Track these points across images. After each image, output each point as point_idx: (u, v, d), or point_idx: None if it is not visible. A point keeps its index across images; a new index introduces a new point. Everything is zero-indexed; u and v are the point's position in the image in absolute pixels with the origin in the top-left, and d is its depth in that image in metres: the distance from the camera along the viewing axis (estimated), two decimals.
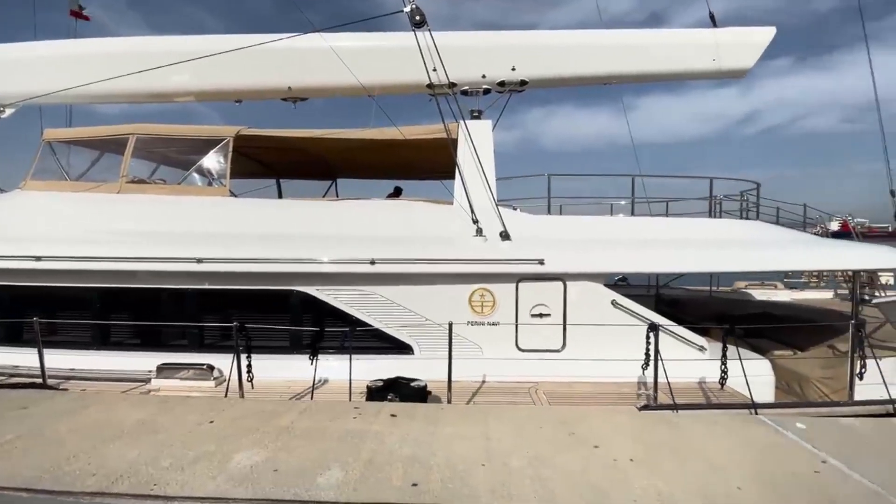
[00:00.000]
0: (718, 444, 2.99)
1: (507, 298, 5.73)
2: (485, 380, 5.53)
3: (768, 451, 2.90)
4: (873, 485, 2.50)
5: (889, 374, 5.59)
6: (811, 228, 8.63)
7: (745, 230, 6.42)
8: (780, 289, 11.34)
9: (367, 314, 5.70)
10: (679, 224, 6.68)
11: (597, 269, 5.76)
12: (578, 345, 5.68)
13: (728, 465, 2.74)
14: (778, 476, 2.60)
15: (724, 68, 6.49)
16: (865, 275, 8.96)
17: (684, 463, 2.76)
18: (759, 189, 7.03)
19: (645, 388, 4.94)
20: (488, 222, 5.82)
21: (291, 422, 3.47)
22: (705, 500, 2.39)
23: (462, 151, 6.10)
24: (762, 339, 6.80)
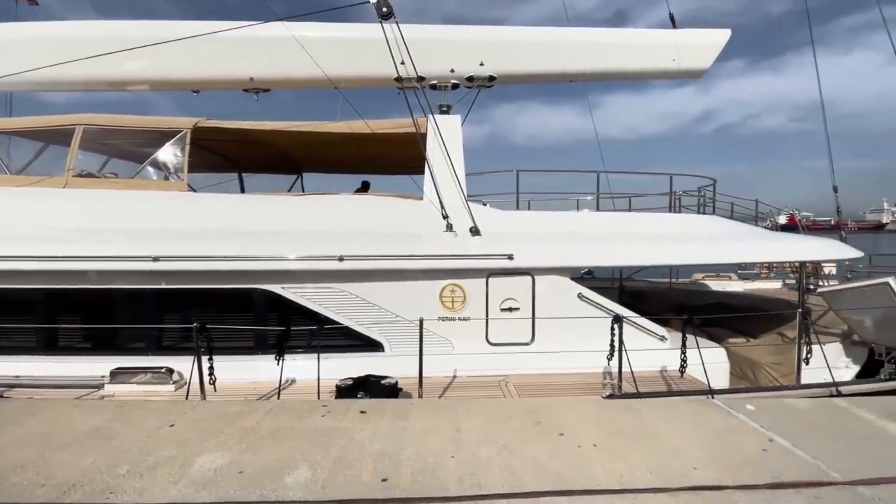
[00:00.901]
0: (676, 428, 3.18)
1: (477, 293, 5.81)
2: (456, 375, 5.59)
3: (721, 432, 3.12)
4: (814, 460, 2.74)
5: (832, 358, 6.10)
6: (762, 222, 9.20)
7: (703, 224, 6.76)
8: (735, 279, 12.04)
9: (335, 312, 5.64)
10: (641, 219, 6.96)
11: (564, 264, 5.93)
12: (547, 337, 5.83)
13: (684, 446, 2.93)
14: (729, 455, 2.81)
15: (684, 68, 6.80)
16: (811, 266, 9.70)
17: (644, 446, 2.93)
18: (716, 185, 7.43)
19: (610, 378, 5.15)
20: (458, 218, 5.87)
21: (257, 422, 3.42)
22: (664, 480, 2.55)
23: (431, 146, 6.11)
24: (718, 327, 7.22)
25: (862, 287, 6.06)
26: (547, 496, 2.39)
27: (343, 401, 4.12)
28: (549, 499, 2.38)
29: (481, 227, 5.88)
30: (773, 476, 2.55)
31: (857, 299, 6.06)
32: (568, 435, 3.12)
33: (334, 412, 3.61)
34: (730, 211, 8.01)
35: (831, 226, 11.12)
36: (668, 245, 6.20)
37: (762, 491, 2.42)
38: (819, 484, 2.47)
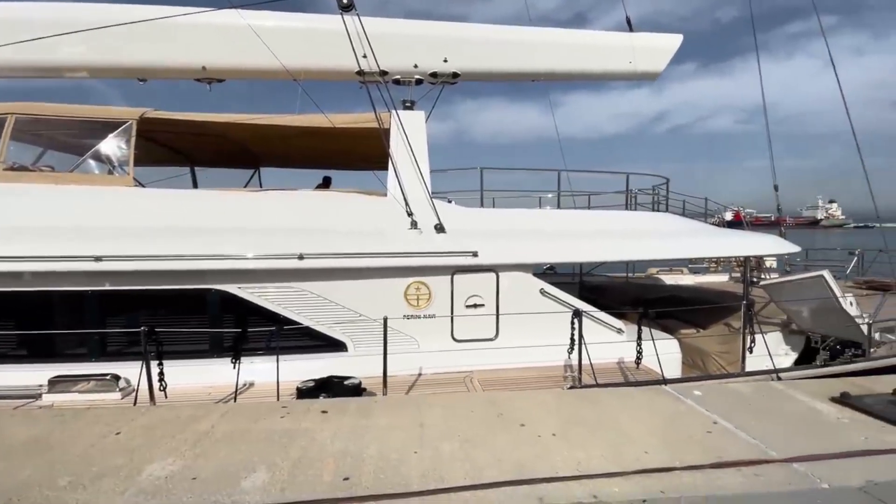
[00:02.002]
0: (631, 415, 3.35)
1: (442, 291, 5.85)
2: (421, 372, 5.61)
3: (671, 417, 3.31)
4: (754, 440, 2.97)
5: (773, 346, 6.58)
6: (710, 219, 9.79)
7: (658, 222, 7.12)
8: (686, 274, 12.75)
9: (295, 312, 5.52)
10: (600, 216, 7.23)
11: (527, 260, 6.06)
12: (510, 333, 5.94)
13: (638, 432, 3.09)
14: (678, 438, 2.99)
15: (639, 71, 7.10)
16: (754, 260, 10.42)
17: (601, 434, 3.07)
18: (668, 184, 7.83)
19: (571, 371, 5.33)
20: (423, 215, 5.87)
21: (212, 426, 3.31)
22: (618, 465, 2.68)
23: (395, 142, 6.08)
24: (671, 319, 7.63)
25: (799, 280, 6.57)
26: (507, 486, 2.46)
27: (303, 401, 4.05)
28: (509, 488, 2.44)
29: (446, 225, 5.91)
30: (717, 456, 2.74)
31: (795, 291, 6.57)
32: (529, 426, 3.21)
33: (294, 413, 3.54)
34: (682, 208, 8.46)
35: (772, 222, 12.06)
36: (626, 241, 6.47)
37: (707, 470, 2.60)
38: (758, 462, 2.68)
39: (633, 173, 7.61)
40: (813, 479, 2.51)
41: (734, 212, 12.91)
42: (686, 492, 2.39)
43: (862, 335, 6.16)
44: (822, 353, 6.39)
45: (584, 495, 2.37)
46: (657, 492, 2.40)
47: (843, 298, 6.21)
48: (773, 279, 7.41)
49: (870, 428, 3.11)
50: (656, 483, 2.49)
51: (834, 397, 3.53)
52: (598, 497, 2.36)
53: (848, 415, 3.30)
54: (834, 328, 6.38)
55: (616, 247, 6.40)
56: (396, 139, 6.08)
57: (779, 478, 2.53)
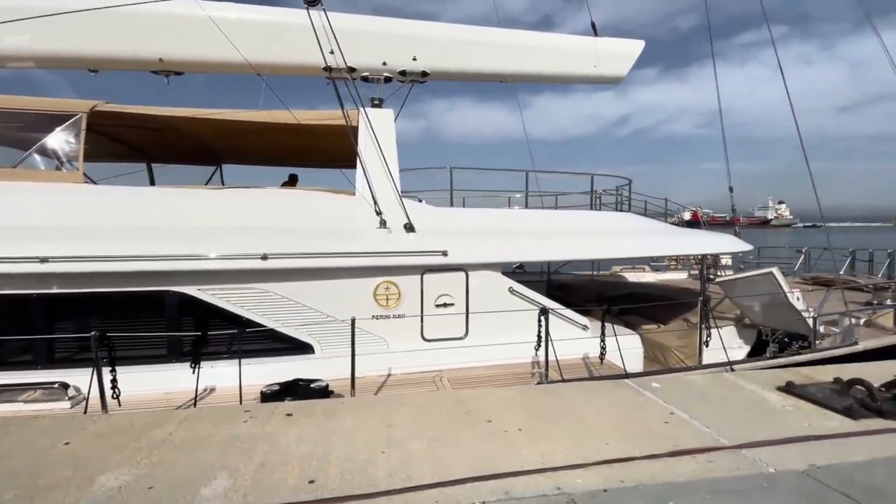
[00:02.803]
0: (593, 409, 3.45)
1: (412, 290, 5.83)
2: (390, 373, 5.58)
3: (630, 409, 3.44)
4: (708, 429, 3.12)
5: (727, 340, 6.93)
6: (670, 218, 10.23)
7: (621, 221, 7.36)
8: (648, 271, 13.26)
9: (259, 314, 5.37)
10: (567, 216, 7.41)
11: (496, 259, 6.12)
12: (480, 331, 5.99)
13: (599, 424, 3.19)
14: (637, 429, 3.10)
15: (604, 74, 7.32)
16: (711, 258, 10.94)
17: (565, 427, 3.15)
18: (631, 185, 8.12)
19: (538, 368, 5.43)
20: (392, 214, 5.83)
21: (170, 433, 3.17)
22: (580, 457, 2.76)
23: (363, 140, 6.02)
24: (634, 315, 7.91)
25: (751, 277, 6.96)
26: (474, 482, 2.49)
27: (267, 404, 3.95)
28: (475, 484, 2.47)
29: (415, 224, 5.89)
30: (674, 445, 2.86)
31: (747, 287, 6.94)
32: (496, 422, 3.26)
33: (258, 417, 3.45)
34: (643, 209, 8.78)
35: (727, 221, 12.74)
36: (592, 241, 6.66)
37: (664, 459, 2.71)
38: (711, 449, 2.82)
39: (598, 174, 7.83)
40: (760, 464, 2.67)
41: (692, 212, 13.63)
42: (645, 481, 2.49)
43: (808, 328, 6.58)
44: (771, 345, 6.77)
45: (548, 488, 2.42)
46: (618, 481, 2.48)
47: (791, 294, 6.62)
48: (727, 276, 7.81)
49: (812, 415, 3.32)
50: (617, 473, 2.58)
51: (780, 387, 3.76)
52: (561, 489, 2.42)
53: (792, 402, 3.52)
54: (782, 322, 6.78)
55: (582, 246, 6.57)
56: (365, 137, 6.02)
57: (729, 464, 2.68)
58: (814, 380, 3.94)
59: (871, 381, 3.54)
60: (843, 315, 7.37)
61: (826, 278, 11.06)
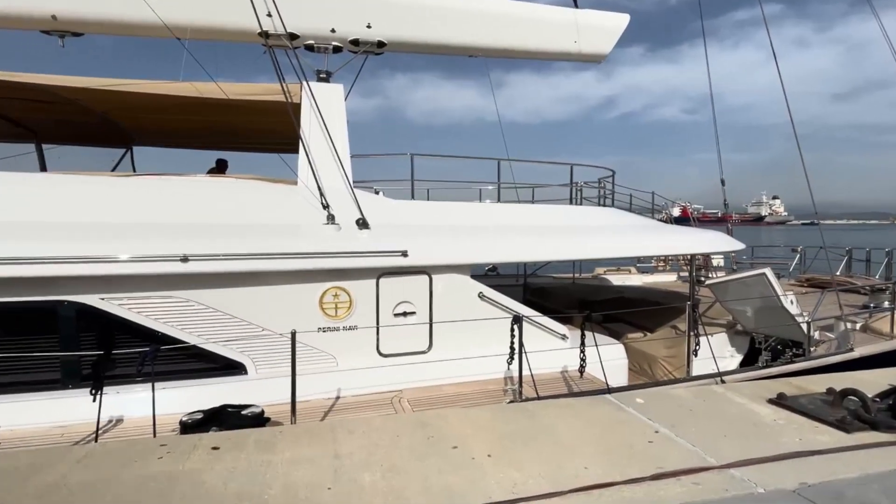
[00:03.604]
0: (569, 427, 3.53)
1: (365, 297, 5.79)
2: (340, 395, 5.52)
3: (611, 427, 3.54)
4: (694, 447, 3.25)
5: (718, 348, 7.27)
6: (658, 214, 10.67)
7: (604, 217, 7.60)
8: (634, 273, 13.76)
9: (178, 328, 5.18)
10: (545, 211, 7.57)
11: (464, 261, 6.17)
12: (446, 344, 6.02)
13: (576, 445, 3.26)
14: (618, 450, 3.20)
15: (584, 51, 7.52)
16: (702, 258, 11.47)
17: (540, 451, 3.20)
18: (614, 176, 8.39)
19: (511, 383, 5.51)
20: (342, 207, 5.78)
21: (63, 475, 2.98)
22: (556, 484, 2.81)
23: (307, 120, 5.94)
24: (618, 323, 8.17)
25: (742, 278, 7.34)
26: None
27: (189, 437, 3.79)
28: None
29: (370, 219, 5.85)
30: (658, 467, 2.97)
31: (739, 290, 7.32)
32: (462, 447, 3.27)
33: (176, 452, 3.30)
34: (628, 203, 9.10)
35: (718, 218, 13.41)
36: (572, 239, 6.82)
37: (647, 483, 2.81)
38: (697, 470, 2.95)
39: (578, 164, 8.10)
40: (749, 484, 2.81)
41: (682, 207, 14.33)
42: None
43: (802, 334, 7.01)
44: (763, 353, 7.17)
45: None
46: None
47: (785, 297, 7.03)
48: (718, 278, 8.20)
49: (804, 428, 3.53)
50: (596, 500, 2.64)
51: (771, 399, 3.98)
52: None
53: (784, 416, 3.73)
54: (775, 327, 7.19)
55: (562, 245, 6.72)
56: (309, 116, 5.94)
57: (716, 485, 2.80)
58: (806, 390, 4.19)
59: (866, 390, 3.80)
60: (838, 319, 7.90)
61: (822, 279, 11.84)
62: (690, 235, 7.91)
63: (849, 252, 13.89)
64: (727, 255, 11.95)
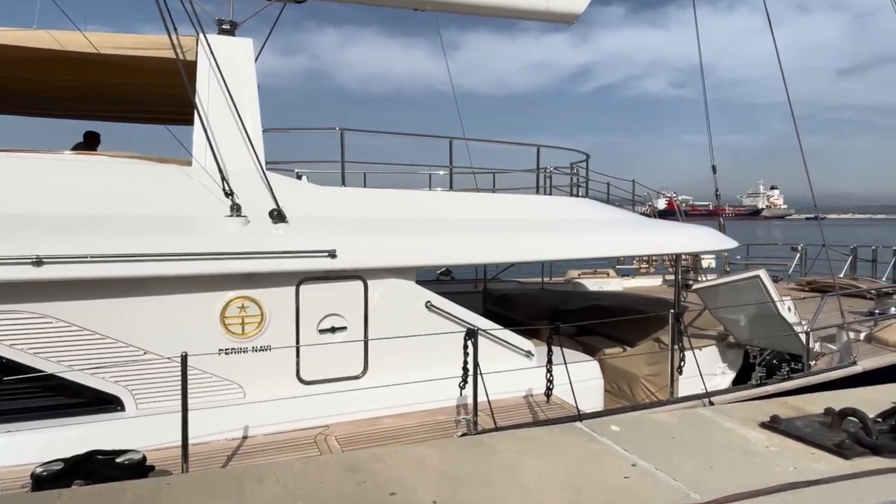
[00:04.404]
0: (532, 463, 3.59)
1: (281, 309, 5.73)
2: (248, 434, 5.43)
3: (581, 462, 3.63)
4: (676, 481, 3.39)
5: (708, 364, 7.63)
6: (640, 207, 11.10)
7: (577, 210, 7.82)
8: (612, 277, 14.28)
9: (30, 352, 4.95)
10: (508, 202, 7.69)
11: (409, 262, 6.21)
12: (385, 366, 6.04)
13: (542, 487, 3.32)
14: (589, 490, 3.28)
15: (554, 9, 7.73)
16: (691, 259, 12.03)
17: (496, 494, 3.23)
18: (588, 161, 8.64)
19: (464, 412, 5.57)
20: (251, 195, 5.71)
21: None
22: None
23: (204, 82, 5.84)
24: (594, 335, 8.42)
25: (734, 282, 7.74)
26: None
27: (44, 494, 3.62)
28: None
29: (289, 210, 5.80)
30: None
31: (731, 295, 7.72)
32: (402, 494, 3.25)
33: None
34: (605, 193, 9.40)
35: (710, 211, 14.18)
36: (542, 236, 7.01)
37: None
38: None
39: (547, 146, 8.26)
40: None
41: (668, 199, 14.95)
42: None
43: (801, 346, 7.47)
44: (757, 369, 7.60)
45: None
46: None
47: (781, 303, 7.48)
48: (706, 282, 8.62)
49: (799, 456, 3.76)
50: None
51: (764, 422, 4.20)
52: None
53: (777, 442, 3.95)
54: (771, 338, 7.64)
55: (529, 243, 6.90)
56: (207, 78, 5.84)
57: None
58: (803, 411, 4.46)
59: (869, 409, 4.08)
60: (840, 329, 8.47)
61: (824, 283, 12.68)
62: (676, 232, 8.27)
63: (853, 251, 14.98)
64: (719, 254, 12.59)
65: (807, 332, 7.51)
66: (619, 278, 14.16)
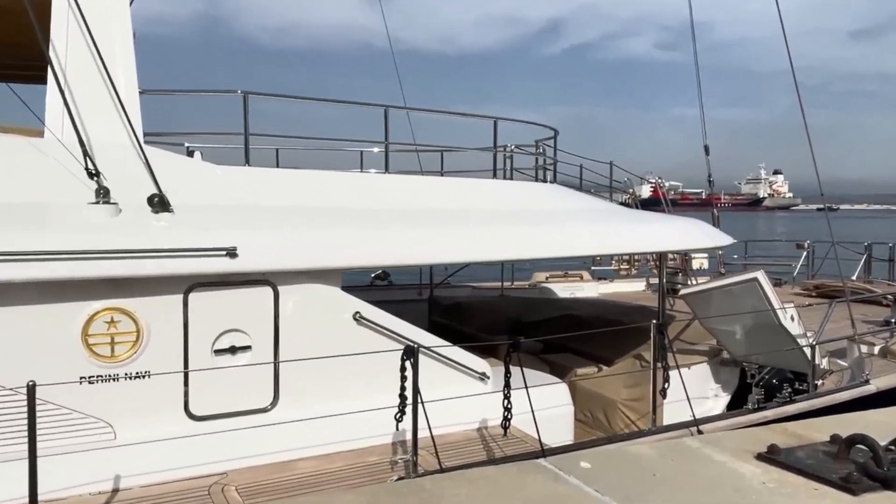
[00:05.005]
0: None
1: (164, 324, 5.65)
2: (119, 486, 5.32)
3: None
4: None
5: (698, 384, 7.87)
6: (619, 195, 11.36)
7: (543, 198, 7.95)
8: (587, 280, 14.64)
9: None
10: (459, 188, 7.74)
11: (332, 263, 6.20)
12: (301, 395, 6.02)
13: None
14: None
15: None
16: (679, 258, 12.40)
17: None
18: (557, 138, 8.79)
19: (402, 451, 5.57)
20: (123, 176, 5.66)
21: None
22: None
23: (61, 29, 5.75)
24: (564, 353, 8.57)
25: (727, 286, 8.03)
26: None
27: None
28: None
29: (175, 196, 5.74)
30: None
31: (724, 302, 8.00)
32: None
33: None
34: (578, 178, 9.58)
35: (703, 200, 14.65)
36: (501, 230, 7.12)
37: None
38: None
39: (506, 119, 8.33)
40: None
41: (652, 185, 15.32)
42: None
43: (805, 362, 7.82)
44: (754, 391, 7.92)
45: None
46: None
47: (783, 311, 7.81)
48: (696, 286, 8.91)
49: (799, 492, 3.91)
50: None
51: (761, 453, 4.37)
52: None
53: (776, 476, 4.10)
54: (771, 354, 7.97)
55: (484, 240, 7.01)
56: (65, 23, 5.74)
57: None
58: (807, 439, 4.64)
59: (881, 435, 4.29)
60: (851, 341, 8.88)
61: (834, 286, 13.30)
62: (660, 226, 8.53)
63: (868, 249, 15.77)
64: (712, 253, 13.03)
65: (812, 345, 7.84)
66: (595, 282, 14.51)
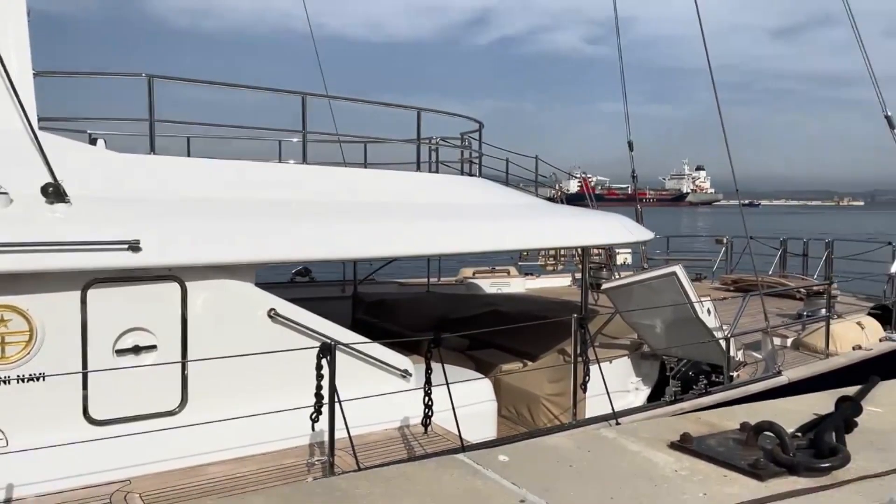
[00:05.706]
0: None
1: (60, 323, 5.54)
2: (12, 496, 5.21)
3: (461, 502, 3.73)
4: None
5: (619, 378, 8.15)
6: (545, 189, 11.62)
7: (468, 192, 8.07)
8: (514, 276, 14.93)
9: None
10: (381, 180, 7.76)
11: (245, 257, 6.17)
12: (211, 396, 5.97)
13: None
14: None
15: None
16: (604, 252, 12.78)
17: None
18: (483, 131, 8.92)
19: (319, 452, 5.57)
20: (15, 164, 5.61)
21: None
22: None
23: None
24: (489, 349, 8.72)
25: (647, 280, 8.34)
26: None
27: None
28: None
29: (72, 186, 5.62)
30: None
31: (644, 296, 8.31)
32: None
33: None
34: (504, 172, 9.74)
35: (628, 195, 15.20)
36: (424, 224, 7.21)
37: None
38: None
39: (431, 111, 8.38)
40: None
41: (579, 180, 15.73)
42: None
43: (721, 354, 8.20)
44: (672, 383, 8.28)
45: None
46: None
47: (700, 304, 8.16)
48: (616, 281, 9.22)
49: (710, 479, 4.11)
50: None
51: (673, 442, 4.57)
52: None
53: (687, 464, 4.31)
54: (689, 347, 8.33)
55: (407, 234, 7.08)
56: None
57: None
58: (718, 427, 4.88)
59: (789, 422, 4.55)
60: (764, 334, 9.38)
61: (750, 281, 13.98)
62: (583, 221, 8.79)
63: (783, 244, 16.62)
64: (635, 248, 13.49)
65: (727, 338, 8.24)
66: (522, 278, 14.82)
